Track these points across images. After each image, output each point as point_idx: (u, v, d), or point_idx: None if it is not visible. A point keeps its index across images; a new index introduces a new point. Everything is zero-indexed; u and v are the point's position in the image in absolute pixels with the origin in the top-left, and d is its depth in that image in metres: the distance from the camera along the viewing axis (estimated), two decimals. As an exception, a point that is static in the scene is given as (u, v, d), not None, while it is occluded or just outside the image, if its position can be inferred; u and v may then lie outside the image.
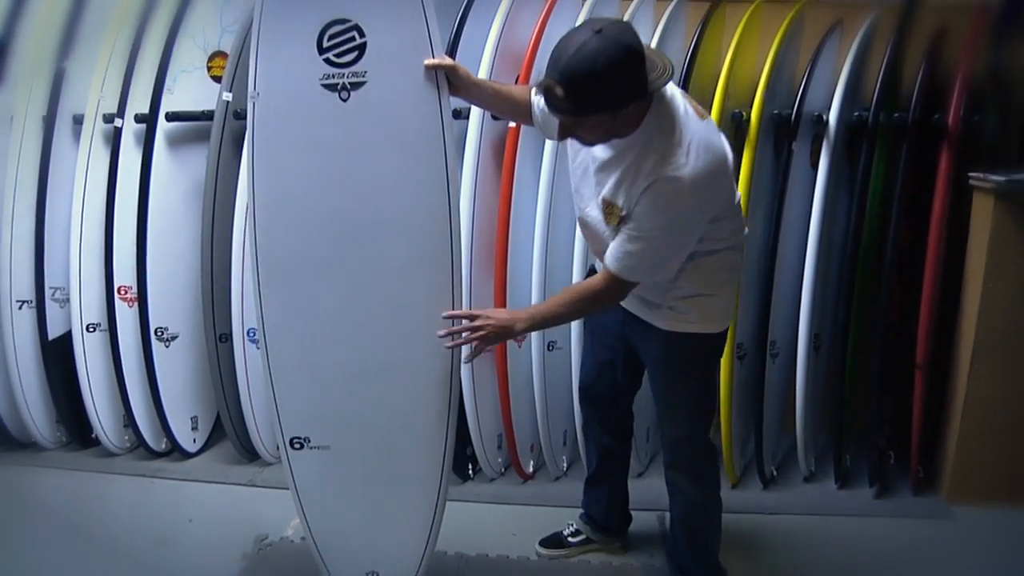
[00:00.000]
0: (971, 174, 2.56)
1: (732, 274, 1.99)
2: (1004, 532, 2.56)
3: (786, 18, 2.66)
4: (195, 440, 3.06)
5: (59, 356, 2.92)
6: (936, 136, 2.53)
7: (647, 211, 1.75)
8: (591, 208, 1.91)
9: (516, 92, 2.09)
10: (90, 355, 2.91)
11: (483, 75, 2.51)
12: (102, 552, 2.50)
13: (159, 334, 2.88)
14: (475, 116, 2.54)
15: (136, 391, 2.91)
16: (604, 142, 1.78)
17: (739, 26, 2.62)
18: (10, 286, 2.88)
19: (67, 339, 2.91)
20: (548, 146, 2.53)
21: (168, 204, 2.86)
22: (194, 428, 3.04)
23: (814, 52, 2.65)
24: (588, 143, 1.80)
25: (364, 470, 2.13)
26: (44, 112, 2.85)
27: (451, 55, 2.49)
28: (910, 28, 2.61)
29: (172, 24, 2.80)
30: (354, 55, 1.90)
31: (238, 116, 2.76)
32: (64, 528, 2.64)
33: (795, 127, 2.58)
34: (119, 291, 2.84)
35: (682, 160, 1.71)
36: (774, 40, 2.60)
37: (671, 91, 1.79)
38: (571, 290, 2.03)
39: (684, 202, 1.73)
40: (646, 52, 1.68)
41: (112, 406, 2.97)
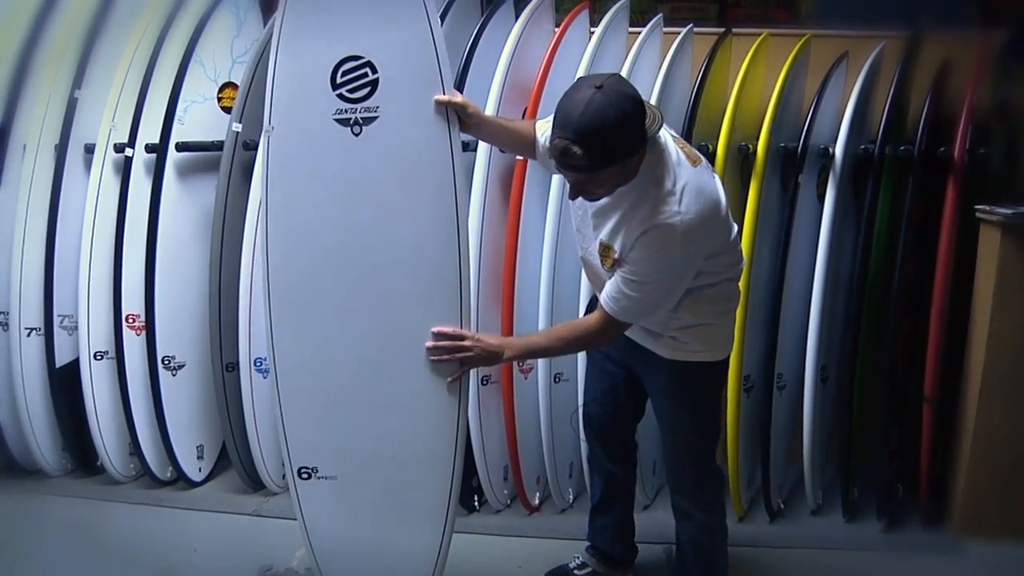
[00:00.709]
0: (977, 207, 2.55)
1: (731, 303, 2.03)
2: (1014, 567, 2.53)
3: (792, 50, 2.68)
4: (200, 469, 3.05)
5: (66, 384, 2.92)
6: (942, 169, 2.53)
7: (642, 257, 1.80)
8: (592, 248, 1.95)
9: (522, 128, 2.14)
10: (97, 383, 2.91)
11: (491, 106, 2.53)
12: (106, 581, 2.49)
13: (166, 363, 2.88)
14: (483, 148, 2.55)
15: (142, 419, 2.90)
16: (611, 194, 1.82)
17: (746, 58, 2.64)
18: (19, 313, 2.89)
19: (75, 367, 2.91)
20: (555, 178, 2.54)
21: (177, 233, 2.87)
22: (200, 457, 3.03)
23: (820, 84, 2.66)
24: (598, 197, 1.84)
25: (371, 501, 2.13)
26: (56, 141, 2.87)
27: (460, 86, 2.52)
28: (916, 60, 2.63)
29: (184, 55, 2.82)
30: (367, 90, 1.94)
31: (247, 147, 2.78)
32: (69, 556, 2.64)
33: (801, 160, 2.59)
34: (127, 319, 2.85)
35: (674, 208, 1.76)
36: (781, 72, 2.62)
37: (664, 137, 1.84)
38: (567, 326, 2.12)
39: (677, 248, 1.78)
40: None
41: (118, 434, 2.96)
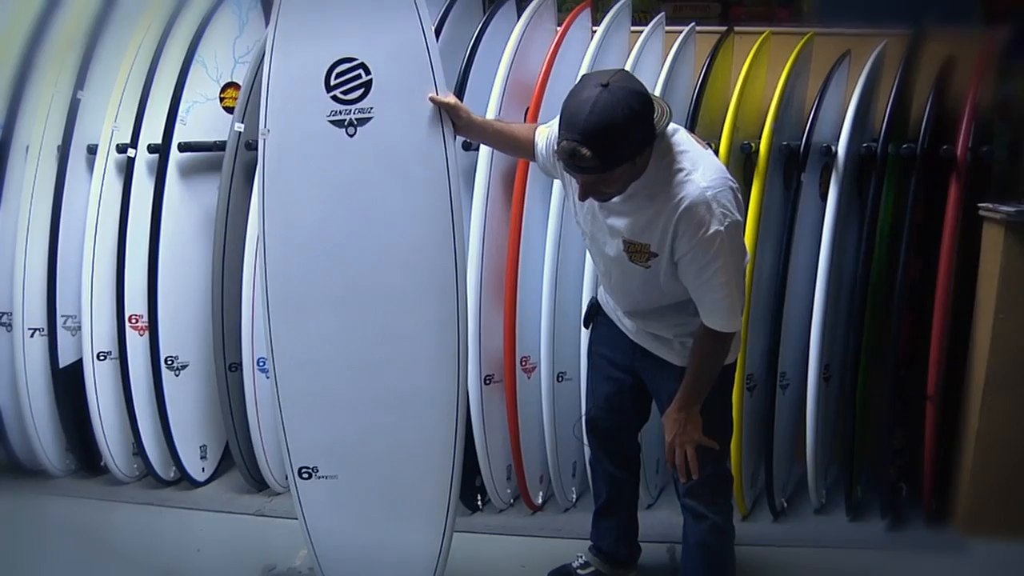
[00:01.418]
0: (981, 205, 2.55)
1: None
2: (1018, 565, 2.53)
3: (795, 49, 2.67)
4: (204, 469, 3.05)
5: (70, 384, 2.92)
6: (945, 167, 2.53)
7: (695, 244, 1.75)
8: (609, 248, 1.92)
9: (518, 131, 2.13)
10: (100, 383, 2.91)
11: (493, 104, 2.54)
12: (110, 581, 2.50)
13: (169, 363, 2.89)
14: (485, 148, 2.55)
15: (145, 419, 2.91)
16: (623, 192, 1.80)
17: (748, 57, 2.64)
18: (23, 314, 2.90)
19: (78, 367, 2.91)
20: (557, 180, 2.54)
21: (180, 233, 2.87)
22: (203, 457, 3.04)
23: (823, 83, 2.66)
24: (609, 197, 1.81)
25: (372, 500, 2.14)
26: (59, 142, 2.87)
27: (462, 86, 2.53)
28: (918, 59, 2.62)
29: (186, 55, 2.83)
30: (360, 92, 1.96)
31: (250, 147, 2.77)
32: (72, 556, 2.64)
33: (804, 158, 2.58)
34: (130, 320, 2.85)
35: (701, 182, 1.75)
36: (783, 71, 2.61)
37: (672, 127, 1.83)
38: (698, 356, 1.93)
39: (721, 216, 1.74)
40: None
41: (121, 434, 2.97)
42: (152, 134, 2.82)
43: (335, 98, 1.95)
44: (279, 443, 2.10)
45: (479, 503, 2.83)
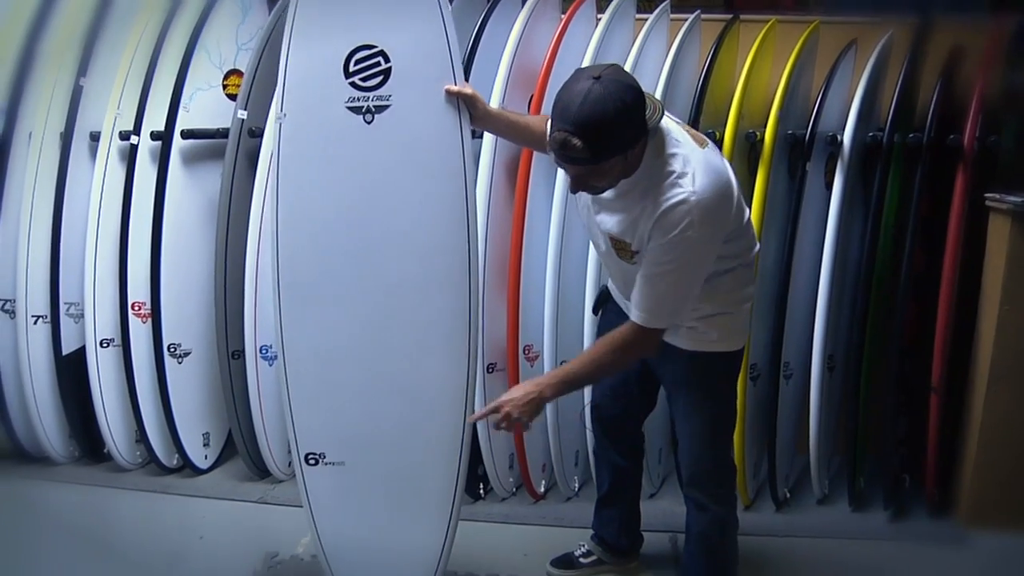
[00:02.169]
0: (987, 195, 2.54)
1: (747, 290, 2.00)
2: (1021, 557, 2.52)
3: (801, 37, 2.66)
4: (206, 457, 3.06)
5: (73, 371, 2.93)
6: (952, 157, 2.52)
7: (660, 244, 1.75)
8: (602, 243, 1.94)
9: (532, 122, 2.14)
10: (103, 370, 2.92)
11: (497, 92, 2.53)
12: (113, 567, 2.50)
13: (172, 350, 2.89)
14: (489, 135, 2.55)
15: (148, 407, 2.91)
16: (614, 186, 1.80)
17: (754, 45, 2.62)
18: (26, 301, 2.90)
19: (81, 354, 2.92)
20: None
21: (182, 221, 2.87)
22: (206, 444, 3.04)
23: (829, 71, 2.64)
24: (600, 190, 1.81)
25: (378, 487, 2.14)
26: (62, 129, 2.87)
27: (465, 73, 2.51)
28: (925, 47, 2.61)
29: (188, 42, 2.82)
30: (379, 79, 1.96)
31: (253, 134, 2.77)
32: (76, 542, 2.64)
33: (809, 147, 2.57)
34: (133, 307, 2.85)
35: (688, 188, 1.73)
36: (789, 59, 2.60)
37: (666, 124, 1.81)
38: (599, 346, 1.94)
39: (695, 228, 1.73)
40: None
41: (124, 421, 2.98)
42: (155, 121, 2.82)
43: (354, 84, 1.95)
44: (286, 429, 2.09)
45: (481, 492, 2.84)
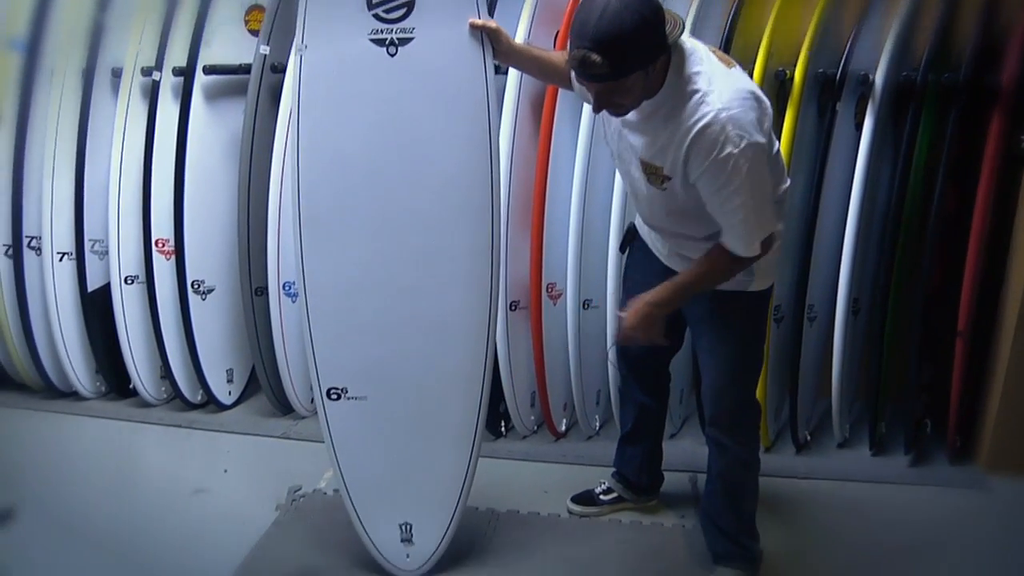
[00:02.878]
0: (1023, 139, 2.48)
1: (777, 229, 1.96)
2: (1041, 503, 2.53)
3: (835, -27, 2.59)
4: (230, 393, 3.10)
5: (98, 307, 2.96)
6: (988, 98, 2.45)
7: (704, 170, 1.71)
8: (633, 169, 1.90)
9: (556, 58, 2.10)
10: (128, 307, 2.95)
11: (523, 27, 2.49)
12: (139, 499, 2.55)
13: (196, 287, 2.90)
14: (514, 71, 2.51)
15: (173, 343, 2.94)
16: (638, 106, 1.76)
17: (786, -21, 2.56)
18: (51, 238, 2.92)
19: (106, 291, 2.95)
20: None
21: (205, 157, 2.87)
22: (229, 381, 3.08)
23: (862, 8, 2.57)
24: (624, 110, 1.78)
25: (400, 422, 2.15)
26: (83, 66, 2.86)
27: (491, 10, 2.47)
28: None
29: (210, -24, 2.79)
30: (403, 11, 1.93)
31: (275, 70, 2.76)
32: (103, 474, 2.71)
33: (840, 87, 2.52)
34: (157, 244, 2.87)
35: (715, 104, 1.68)
36: (822, -5, 2.53)
37: (691, 44, 1.77)
38: (703, 264, 1.89)
39: (732, 141, 1.68)
40: None
41: (149, 357, 3.01)
42: (177, 57, 2.81)
43: (377, 16, 1.92)
44: (308, 364, 2.10)
45: (503, 429, 2.86)
